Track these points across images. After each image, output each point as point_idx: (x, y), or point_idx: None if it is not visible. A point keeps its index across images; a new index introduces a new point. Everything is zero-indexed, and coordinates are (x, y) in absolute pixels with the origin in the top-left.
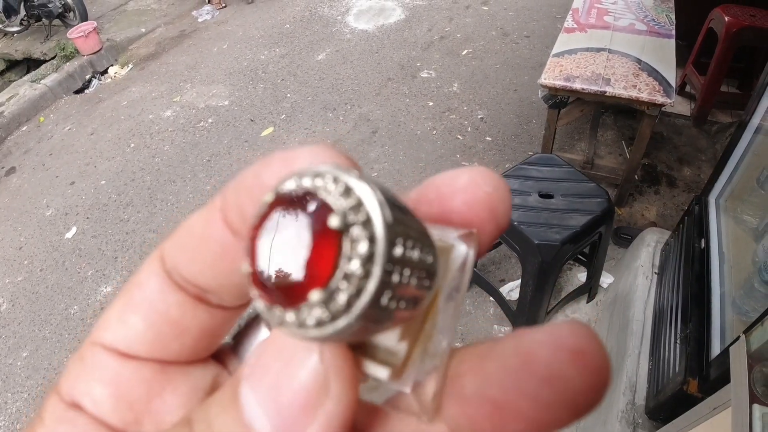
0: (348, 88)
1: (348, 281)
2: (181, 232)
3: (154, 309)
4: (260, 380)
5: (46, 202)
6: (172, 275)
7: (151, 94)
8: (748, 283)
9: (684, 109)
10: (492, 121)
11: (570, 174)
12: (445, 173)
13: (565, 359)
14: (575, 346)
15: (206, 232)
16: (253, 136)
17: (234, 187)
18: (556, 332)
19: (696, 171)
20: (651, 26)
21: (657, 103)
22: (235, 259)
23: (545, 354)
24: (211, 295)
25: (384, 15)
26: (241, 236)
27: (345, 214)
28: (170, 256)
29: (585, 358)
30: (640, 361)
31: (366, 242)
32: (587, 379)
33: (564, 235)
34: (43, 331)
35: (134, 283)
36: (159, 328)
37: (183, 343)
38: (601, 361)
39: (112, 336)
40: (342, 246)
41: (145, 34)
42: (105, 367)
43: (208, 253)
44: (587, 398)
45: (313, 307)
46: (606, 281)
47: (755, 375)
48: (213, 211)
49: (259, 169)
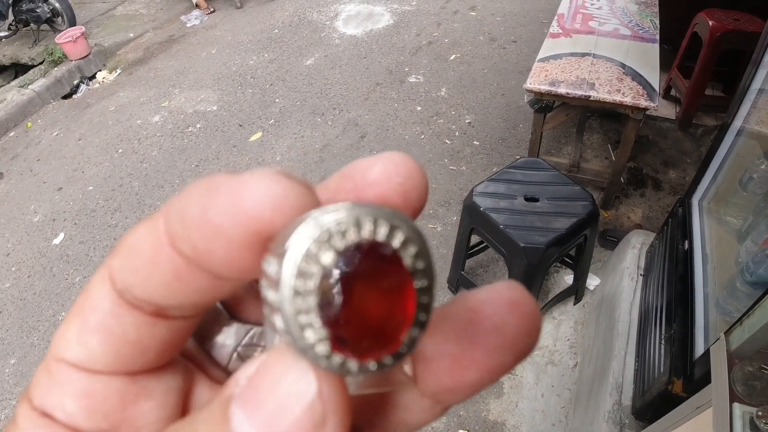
0: (336, 92)
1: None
2: (128, 251)
3: (111, 333)
4: (255, 407)
5: (34, 208)
6: (124, 296)
7: (140, 99)
8: (731, 283)
9: (669, 113)
10: (479, 125)
11: (555, 177)
12: (360, 162)
13: (504, 310)
14: (511, 298)
15: (156, 256)
16: (242, 141)
17: (179, 219)
18: (495, 289)
19: (681, 173)
20: (635, 31)
21: (641, 107)
22: (190, 281)
23: (488, 308)
24: (170, 310)
25: (372, 20)
26: (198, 265)
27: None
28: (120, 278)
29: (519, 306)
30: (626, 362)
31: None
32: (523, 324)
33: (549, 237)
34: (31, 337)
35: (87, 304)
36: (119, 349)
37: (146, 358)
38: (533, 308)
39: (74, 355)
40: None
41: (134, 39)
42: (74, 381)
43: (160, 276)
44: (525, 340)
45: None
46: (592, 283)
47: (735, 374)
48: (158, 234)
49: (204, 200)
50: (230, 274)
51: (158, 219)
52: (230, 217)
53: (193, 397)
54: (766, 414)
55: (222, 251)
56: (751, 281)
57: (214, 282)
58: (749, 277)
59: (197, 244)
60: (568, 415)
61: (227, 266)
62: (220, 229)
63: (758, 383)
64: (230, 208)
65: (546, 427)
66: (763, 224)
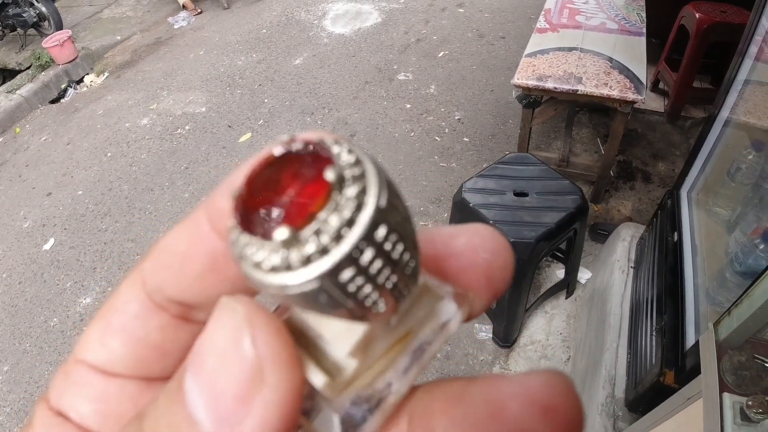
0: (326, 92)
1: (318, 237)
2: (162, 251)
3: (134, 335)
4: (199, 369)
5: (24, 213)
6: (154, 297)
7: (128, 102)
8: (720, 274)
9: (658, 106)
10: (469, 121)
11: (544, 172)
12: (444, 229)
13: (536, 415)
14: (547, 401)
15: (192, 246)
16: (231, 143)
17: (226, 192)
18: (529, 384)
19: (670, 166)
20: (622, 25)
21: (628, 100)
22: (226, 266)
23: (516, 407)
24: (196, 312)
25: (360, 19)
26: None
27: (343, 175)
28: (152, 278)
29: (556, 414)
30: (618, 355)
31: (351, 208)
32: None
33: (539, 232)
34: (23, 344)
35: (113, 306)
36: (140, 352)
37: (166, 363)
38: (574, 416)
39: (95, 357)
40: (328, 201)
41: (121, 42)
42: (90, 384)
43: (195, 267)
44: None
45: (276, 250)
46: (584, 277)
47: (724, 364)
48: (197, 223)
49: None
50: None
51: (196, 213)
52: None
53: None
54: (756, 403)
55: None
56: (740, 271)
57: None
58: (738, 267)
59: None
60: None
61: None
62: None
63: (748, 373)
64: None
65: None
66: (751, 214)
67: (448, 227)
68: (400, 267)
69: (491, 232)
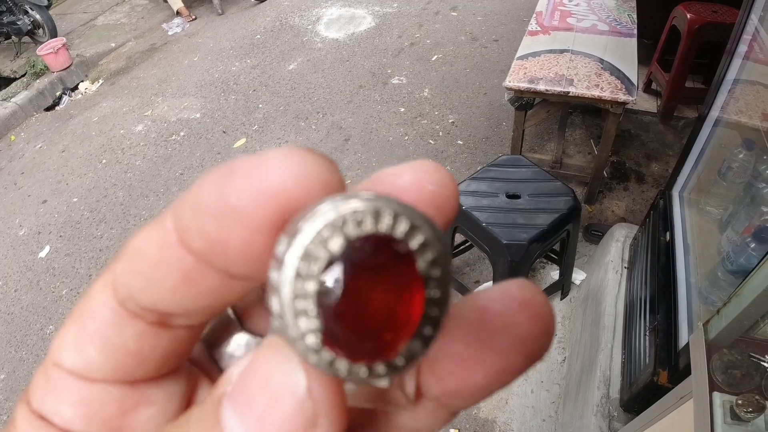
0: (320, 96)
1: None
2: (132, 255)
3: (110, 342)
4: (245, 406)
5: (19, 221)
6: (127, 305)
7: (122, 109)
8: (713, 273)
9: (651, 106)
10: (463, 124)
11: (536, 174)
12: (388, 170)
13: (515, 309)
14: (523, 298)
15: (163, 257)
16: (226, 148)
17: (192, 209)
18: (506, 288)
19: (664, 166)
20: (613, 26)
21: (619, 101)
22: (199, 283)
23: (498, 307)
24: (175, 318)
25: (354, 23)
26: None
27: (427, 264)
28: (124, 284)
29: (532, 306)
30: (613, 355)
31: (440, 307)
32: (535, 325)
33: (531, 234)
34: (19, 352)
35: (87, 310)
36: (119, 359)
37: (147, 368)
38: (545, 308)
39: (72, 363)
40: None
41: (115, 49)
42: (71, 388)
43: (167, 279)
44: (537, 342)
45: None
46: (578, 278)
47: (714, 363)
48: (166, 233)
49: (220, 184)
50: (245, 267)
51: (165, 218)
52: (251, 197)
53: (196, 401)
54: (746, 402)
55: (239, 238)
56: (731, 270)
57: (225, 282)
58: (730, 266)
59: (211, 233)
60: (558, 409)
61: (243, 257)
62: (238, 211)
63: (738, 371)
64: (251, 187)
65: (536, 423)
66: (743, 213)
67: (393, 167)
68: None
69: (435, 166)
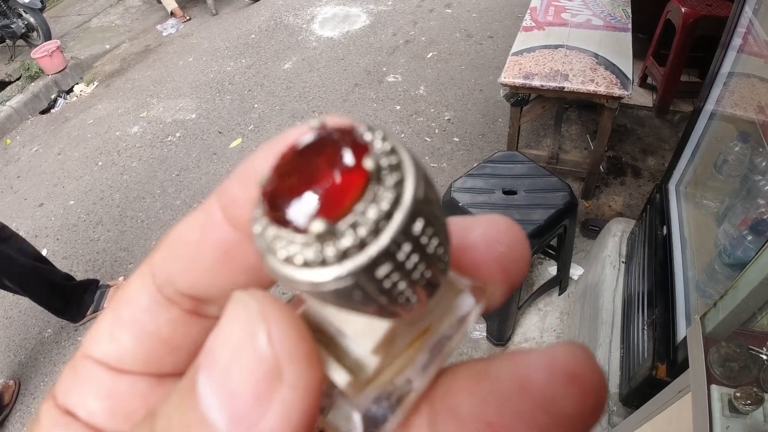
0: (315, 95)
1: (354, 230)
2: (173, 242)
3: (144, 328)
4: (212, 368)
5: (16, 225)
6: (164, 291)
7: (118, 111)
8: (710, 266)
9: (646, 101)
10: (459, 121)
11: (532, 170)
12: (459, 220)
13: (561, 384)
14: (571, 370)
15: (204, 236)
16: (222, 149)
17: (242, 179)
18: (552, 355)
19: (660, 160)
20: (607, 21)
21: (615, 95)
22: (239, 257)
23: (541, 378)
24: (207, 306)
25: (349, 21)
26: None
27: (380, 164)
28: (162, 270)
29: (581, 382)
30: (611, 350)
31: (389, 199)
32: (583, 404)
33: (528, 230)
34: (18, 356)
35: (123, 298)
36: (150, 346)
37: (177, 358)
38: (598, 383)
39: (103, 351)
40: (365, 192)
41: (110, 51)
42: (98, 380)
43: (207, 257)
44: (583, 422)
45: (309, 244)
46: (576, 273)
47: (712, 356)
48: (209, 212)
49: (270, 151)
50: None
51: (208, 203)
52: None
53: None
54: (744, 395)
55: None
56: (728, 263)
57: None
58: (727, 259)
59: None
60: None
61: None
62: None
63: (735, 364)
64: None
65: None
66: (739, 206)
67: (464, 218)
68: (434, 261)
69: (507, 223)
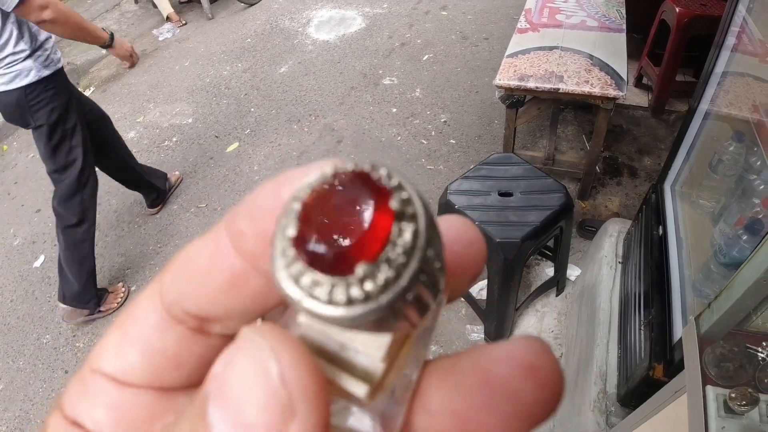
0: (311, 99)
1: (389, 264)
2: (183, 263)
3: (152, 346)
4: (224, 401)
5: (13, 231)
6: (171, 310)
7: (114, 116)
8: (706, 266)
9: (642, 101)
10: (455, 123)
11: (528, 171)
12: None
13: (520, 375)
14: (529, 363)
15: (213, 263)
16: (219, 153)
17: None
18: (512, 349)
19: (656, 160)
20: (602, 22)
21: (609, 96)
22: (244, 285)
23: (502, 370)
24: (212, 325)
25: (345, 25)
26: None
27: (401, 201)
28: (171, 290)
29: (538, 373)
30: (609, 350)
31: (411, 233)
32: (541, 393)
33: (524, 231)
34: (17, 362)
35: (131, 316)
36: (156, 362)
37: (182, 374)
38: (554, 375)
39: (111, 366)
40: (392, 230)
41: (106, 56)
42: (106, 393)
43: (215, 283)
44: (542, 410)
45: (353, 284)
46: (573, 274)
47: (707, 357)
48: (218, 240)
49: (276, 189)
50: None
51: (217, 229)
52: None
53: None
54: (739, 395)
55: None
56: (724, 263)
57: (266, 286)
58: (723, 258)
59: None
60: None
61: None
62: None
63: (730, 365)
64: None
65: None
66: (735, 205)
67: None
68: (440, 274)
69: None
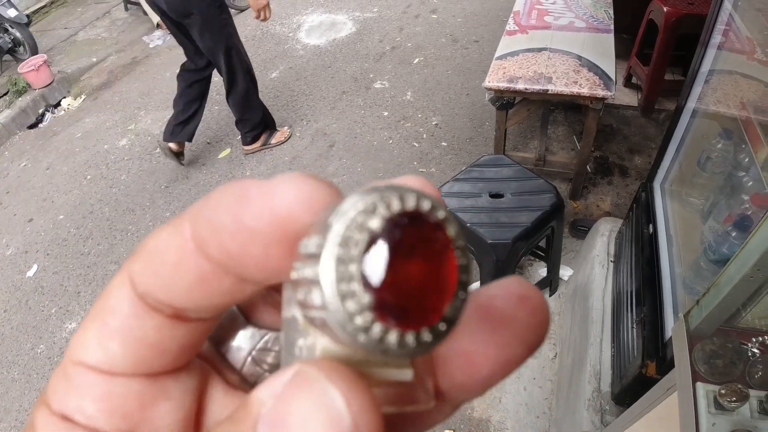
0: (303, 103)
1: (450, 316)
2: (150, 255)
3: (132, 336)
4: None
5: (6, 241)
6: (145, 299)
7: (106, 124)
8: (696, 263)
9: (632, 100)
10: (446, 126)
11: (519, 172)
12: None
13: (515, 304)
14: (521, 293)
15: (180, 260)
16: (211, 159)
17: (209, 226)
18: (504, 285)
19: (647, 159)
20: (590, 23)
21: (598, 96)
22: (214, 285)
23: (500, 303)
24: (189, 313)
25: (335, 29)
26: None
27: (462, 254)
28: (142, 282)
29: (529, 300)
30: (602, 349)
31: (467, 288)
32: (534, 317)
33: (516, 232)
34: (11, 372)
35: (106, 306)
36: (140, 351)
37: (165, 360)
38: (541, 302)
39: (94, 358)
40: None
41: (97, 64)
42: (93, 385)
43: (184, 280)
44: (536, 333)
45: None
46: (566, 274)
47: (696, 354)
48: (184, 240)
49: (235, 207)
50: (261, 275)
51: (183, 224)
52: (265, 220)
53: (207, 397)
54: (729, 392)
55: (257, 254)
56: (714, 259)
57: (238, 284)
58: (712, 255)
59: (231, 248)
60: (552, 406)
61: (260, 268)
62: (254, 231)
63: (720, 361)
64: (264, 212)
65: (530, 420)
66: (723, 203)
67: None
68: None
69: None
